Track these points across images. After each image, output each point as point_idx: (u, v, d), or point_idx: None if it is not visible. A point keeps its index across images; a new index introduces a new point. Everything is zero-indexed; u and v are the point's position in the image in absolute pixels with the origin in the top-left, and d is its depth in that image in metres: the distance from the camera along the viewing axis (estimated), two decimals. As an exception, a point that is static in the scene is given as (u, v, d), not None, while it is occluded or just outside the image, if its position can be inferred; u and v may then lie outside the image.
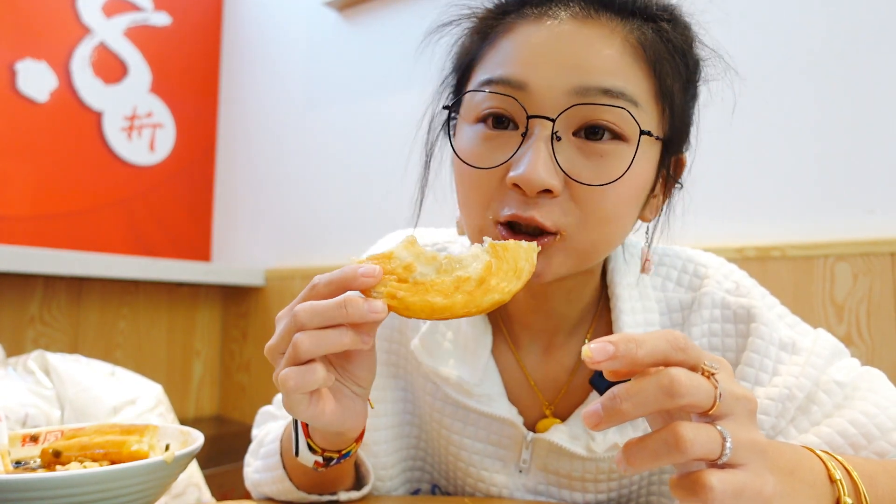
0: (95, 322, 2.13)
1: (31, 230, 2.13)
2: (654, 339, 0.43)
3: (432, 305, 0.50)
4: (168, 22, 2.53)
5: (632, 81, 0.61)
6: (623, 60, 0.61)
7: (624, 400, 0.41)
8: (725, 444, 0.41)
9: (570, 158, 0.60)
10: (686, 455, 0.40)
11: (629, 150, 0.61)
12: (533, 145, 0.59)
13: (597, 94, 0.59)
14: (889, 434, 0.64)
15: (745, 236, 1.40)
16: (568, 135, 0.61)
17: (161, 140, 2.51)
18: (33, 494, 0.48)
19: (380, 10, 2.20)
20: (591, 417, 0.41)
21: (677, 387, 0.40)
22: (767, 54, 1.41)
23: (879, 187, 1.27)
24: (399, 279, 0.52)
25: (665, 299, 0.75)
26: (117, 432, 0.63)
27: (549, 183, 0.58)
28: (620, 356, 0.41)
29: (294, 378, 0.50)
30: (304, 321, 0.50)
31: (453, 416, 0.76)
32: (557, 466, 0.73)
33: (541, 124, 0.60)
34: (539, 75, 0.60)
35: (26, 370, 1.14)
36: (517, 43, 0.63)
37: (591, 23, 0.62)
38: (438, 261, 0.52)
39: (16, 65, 2.10)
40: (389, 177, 2.07)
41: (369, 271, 0.51)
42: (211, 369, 2.47)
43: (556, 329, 0.76)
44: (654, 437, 0.41)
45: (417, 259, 0.52)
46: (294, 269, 2.29)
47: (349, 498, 0.74)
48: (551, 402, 0.76)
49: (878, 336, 1.21)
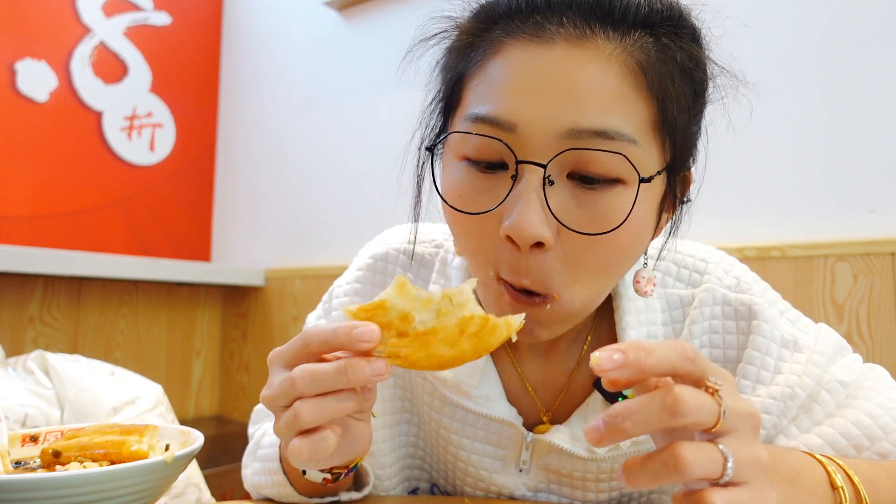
0: (95, 322, 2.13)
1: (31, 230, 2.13)
2: (664, 348, 0.42)
3: (440, 359, 0.48)
4: (168, 22, 2.53)
5: (630, 115, 0.55)
6: (621, 91, 0.55)
7: (626, 418, 0.40)
8: (727, 464, 0.40)
9: (564, 203, 0.56)
10: (686, 476, 0.39)
11: (627, 193, 0.56)
12: (524, 193, 0.55)
13: (591, 136, 0.54)
14: (892, 435, 0.64)
15: (745, 236, 1.40)
16: (562, 177, 0.56)
17: (161, 140, 2.51)
18: (33, 495, 0.48)
19: (380, 10, 2.20)
20: (593, 434, 0.41)
21: (681, 406, 0.40)
22: (768, 55, 1.41)
23: (880, 187, 1.27)
24: (398, 333, 0.47)
25: (665, 296, 0.73)
26: (117, 432, 0.63)
27: (542, 235, 0.54)
28: (629, 365, 0.40)
29: (307, 451, 0.48)
30: (304, 390, 0.48)
31: (452, 417, 0.76)
32: (558, 466, 0.73)
33: (531, 169, 0.55)
34: (529, 114, 0.55)
35: (26, 370, 1.14)
36: (505, 71, 0.57)
37: (587, 45, 0.55)
38: (435, 302, 0.48)
39: (15, 64, 2.10)
40: (389, 176, 2.07)
41: (366, 335, 0.46)
42: (211, 369, 2.47)
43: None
44: (654, 457, 0.41)
45: (413, 306, 0.47)
46: (294, 269, 2.29)
47: (350, 498, 0.74)
48: (549, 408, 0.75)
49: (879, 336, 1.21)
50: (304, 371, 0.48)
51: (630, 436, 0.40)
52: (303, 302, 2.22)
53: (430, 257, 0.81)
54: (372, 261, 0.83)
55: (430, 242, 0.83)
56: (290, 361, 0.50)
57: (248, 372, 2.40)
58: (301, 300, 2.23)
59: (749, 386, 0.68)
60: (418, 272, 0.82)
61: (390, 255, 0.82)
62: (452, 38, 0.65)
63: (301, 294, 2.23)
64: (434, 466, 0.82)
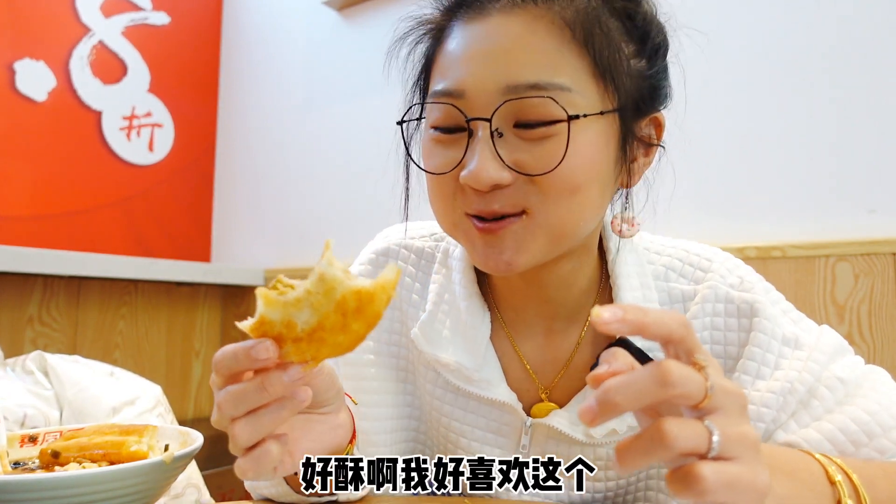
0: (94, 322, 2.13)
1: (30, 230, 2.12)
2: (661, 312, 0.44)
3: (342, 346, 0.48)
4: (167, 21, 2.53)
5: (562, 66, 0.62)
6: (550, 47, 0.62)
7: (617, 392, 0.41)
8: (712, 437, 0.41)
9: (516, 149, 0.63)
10: (671, 450, 0.40)
11: (566, 133, 0.63)
12: (478, 146, 0.62)
13: (526, 89, 0.61)
14: (890, 432, 0.64)
15: (746, 236, 1.40)
16: (508, 128, 0.63)
17: (160, 140, 2.51)
18: (32, 495, 0.48)
19: (379, 10, 2.20)
20: (586, 414, 0.42)
21: (669, 376, 0.40)
22: (768, 56, 1.41)
23: (881, 187, 1.27)
24: (294, 339, 0.47)
25: (667, 289, 0.75)
26: (116, 433, 0.63)
27: (497, 178, 0.61)
28: (629, 320, 0.42)
29: (251, 468, 0.49)
30: (232, 412, 0.49)
31: (453, 404, 0.77)
32: (556, 452, 0.73)
33: (481, 126, 0.63)
34: (473, 79, 0.63)
35: (25, 371, 1.13)
36: (454, 48, 0.66)
37: (518, 12, 0.63)
38: (305, 299, 0.47)
39: (14, 64, 2.10)
40: (389, 176, 2.07)
41: (262, 352, 0.47)
42: (210, 370, 2.45)
43: (554, 315, 0.76)
44: (641, 436, 0.42)
45: (289, 312, 0.47)
46: (294, 269, 2.28)
47: (348, 498, 0.74)
48: (547, 387, 0.76)
49: (880, 336, 1.21)
50: (228, 394, 0.49)
51: (622, 410, 0.41)
52: (302, 302, 2.22)
53: (430, 250, 0.84)
54: (374, 256, 0.85)
55: (431, 236, 0.85)
56: (219, 385, 0.52)
57: (248, 372, 2.40)
58: (301, 300, 2.23)
59: (748, 381, 0.69)
60: (420, 265, 0.84)
61: (391, 249, 0.85)
62: (420, 33, 0.74)
63: (301, 294, 2.23)
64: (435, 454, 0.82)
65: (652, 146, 0.71)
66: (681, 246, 0.78)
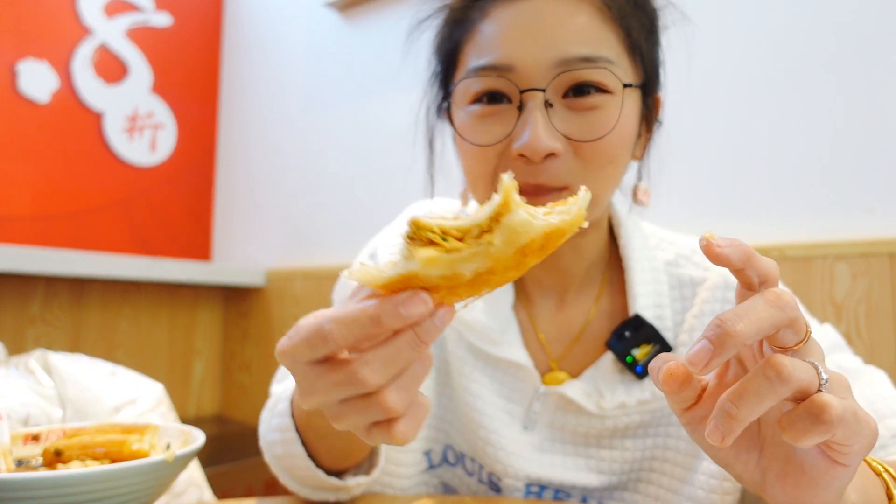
0: (96, 322, 2.13)
1: (33, 230, 2.13)
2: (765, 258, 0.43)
3: (507, 279, 0.40)
4: (169, 22, 2.53)
5: (605, 43, 0.68)
6: (594, 25, 0.67)
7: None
8: (821, 373, 0.40)
9: (566, 120, 0.67)
10: (790, 384, 0.38)
11: (615, 101, 0.68)
12: (530, 116, 0.65)
13: (577, 62, 0.66)
14: (887, 420, 0.65)
15: (744, 236, 1.40)
16: (558, 99, 0.67)
17: (162, 140, 2.51)
18: (35, 493, 0.49)
19: (381, 11, 2.20)
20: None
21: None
22: (767, 56, 1.41)
23: (878, 187, 1.27)
24: (451, 287, 0.39)
25: (677, 274, 0.79)
26: (118, 431, 0.63)
27: (552, 146, 0.65)
28: (741, 250, 0.41)
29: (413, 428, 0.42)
30: (380, 380, 0.40)
31: (473, 366, 0.80)
32: (564, 422, 0.76)
33: (532, 96, 0.66)
34: (523, 55, 0.66)
35: (27, 369, 1.14)
36: (496, 27, 0.69)
37: None
38: (485, 247, 0.38)
39: (17, 65, 2.11)
40: (390, 177, 2.07)
41: (421, 305, 0.38)
42: (212, 369, 2.48)
43: (567, 286, 0.81)
44: (750, 378, 0.39)
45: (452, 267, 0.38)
46: (294, 269, 2.29)
47: (357, 482, 0.74)
48: (557, 358, 0.80)
49: (877, 336, 1.21)
50: (373, 363, 0.40)
51: (748, 420, 0.39)
52: (304, 302, 2.23)
53: None
54: None
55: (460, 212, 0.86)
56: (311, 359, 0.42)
57: (249, 372, 2.40)
58: (302, 300, 2.23)
59: None
60: None
61: None
62: (445, 15, 0.77)
63: (302, 294, 2.24)
64: (453, 424, 0.83)
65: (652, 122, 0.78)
66: (689, 239, 0.84)
